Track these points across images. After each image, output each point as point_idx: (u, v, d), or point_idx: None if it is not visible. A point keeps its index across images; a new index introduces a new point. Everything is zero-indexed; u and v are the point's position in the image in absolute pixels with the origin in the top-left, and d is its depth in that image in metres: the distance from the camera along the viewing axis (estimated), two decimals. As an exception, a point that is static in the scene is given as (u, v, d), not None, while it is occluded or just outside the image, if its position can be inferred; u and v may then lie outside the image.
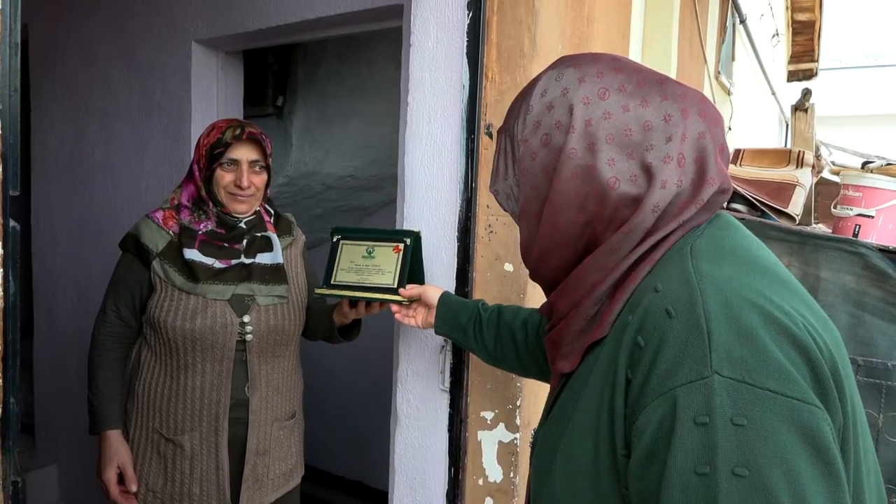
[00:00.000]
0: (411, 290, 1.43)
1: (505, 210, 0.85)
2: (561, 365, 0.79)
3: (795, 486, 0.55)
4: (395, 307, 1.47)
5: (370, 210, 3.63)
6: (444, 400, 1.60)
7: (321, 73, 2.85)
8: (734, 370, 0.58)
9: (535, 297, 1.55)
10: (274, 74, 2.81)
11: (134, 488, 1.58)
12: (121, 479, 1.58)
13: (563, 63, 0.78)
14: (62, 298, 2.87)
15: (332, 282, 1.53)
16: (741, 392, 0.57)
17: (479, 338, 1.30)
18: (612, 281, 0.72)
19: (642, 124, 0.71)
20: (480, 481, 1.57)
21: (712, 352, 0.59)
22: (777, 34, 5.90)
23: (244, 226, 1.63)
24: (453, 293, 1.56)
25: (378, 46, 2.95)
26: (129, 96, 2.55)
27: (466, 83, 1.52)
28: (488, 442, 1.56)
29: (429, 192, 1.61)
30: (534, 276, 0.85)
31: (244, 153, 1.58)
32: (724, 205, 3.37)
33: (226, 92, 2.47)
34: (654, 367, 0.62)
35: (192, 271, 1.55)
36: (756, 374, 0.57)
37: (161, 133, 2.46)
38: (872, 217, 2.22)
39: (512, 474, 1.54)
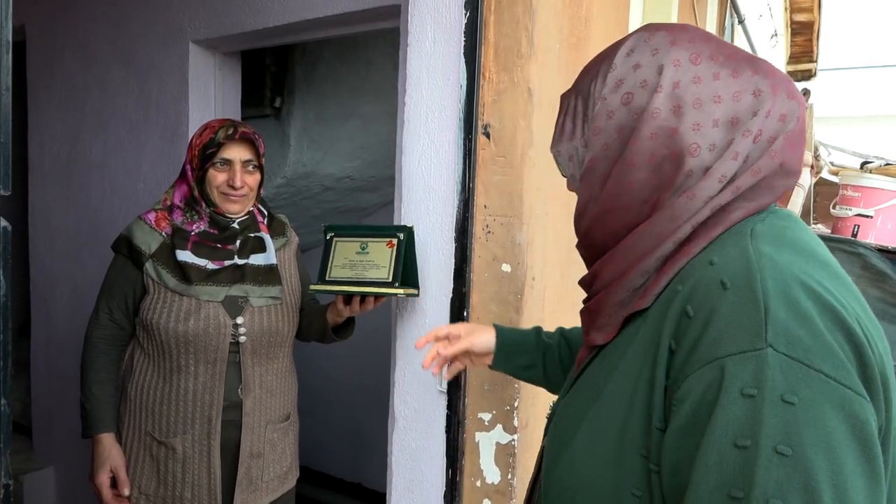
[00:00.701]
0: (455, 345, 1.17)
1: (563, 174, 0.82)
2: (595, 336, 0.78)
3: (838, 475, 0.53)
4: (433, 370, 1.21)
5: (368, 211, 3.63)
6: (442, 401, 1.59)
7: (319, 73, 2.84)
8: (790, 347, 0.56)
9: (533, 297, 1.54)
10: (272, 75, 2.80)
11: (127, 492, 1.57)
12: (114, 483, 1.57)
13: (651, 28, 0.76)
14: (60, 300, 2.86)
15: (326, 278, 1.53)
16: (795, 370, 0.56)
17: (544, 373, 1.18)
18: (663, 252, 0.70)
19: (732, 94, 0.69)
20: (478, 483, 1.57)
21: (768, 325, 0.57)
22: (776, 34, 5.90)
23: (237, 226, 1.62)
24: (451, 295, 1.56)
25: (376, 47, 2.95)
26: (126, 97, 2.55)
27: (464, 83, 1.52)
28: (486, 443, 1.55)
29: (426, 193, 1.60)
30: (582, 243, 0.83)
31: (237, 153, 1.58)
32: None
33: (223, 93, 2.47)
34: (703, 335, 0.60)
35: (185, 273, 1.55)
36: (812, 355, 0.56)
37: (158, 134, 2.46)
38: (871, 217, 2.22)
39: (510, 476, 1.53)
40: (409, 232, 1.52)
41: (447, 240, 1.57)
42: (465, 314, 1.55)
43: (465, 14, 1.51)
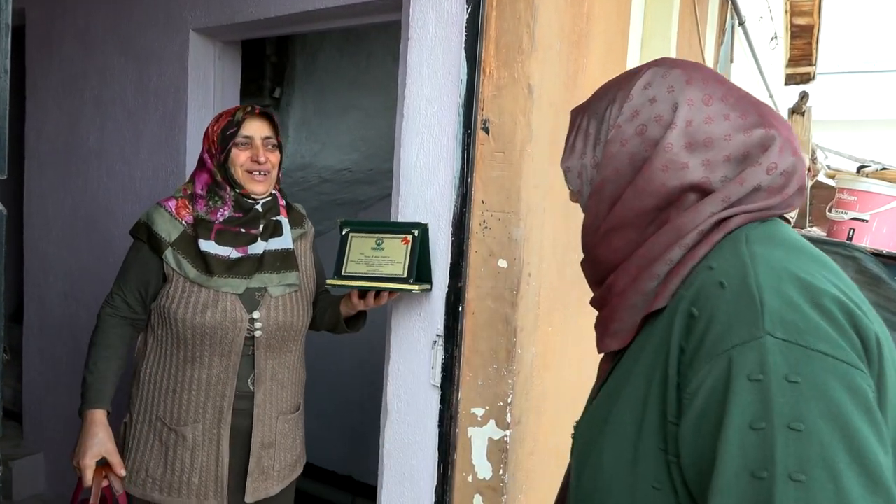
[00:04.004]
0: None
1: (569, 186, 0.87)
2: (609, 342, 0.81)
3: (851, 441, 0.57)
4: None
5: (366, 204, 3.62)
6: (435, 396, 1.60)
7: (319, 65, 2.84)
8: (787, 332, 0.61)
9: (528, 294, 1.54)
10: (272, 66, 2.80)
11: (124, 472, 1.56)
12: (102, 463, 1.55)
13: (667, 63, 0.82)
14: (53, 286, 2.85)
15: (342, 273, 1.56)
16: (794, 352, 0.60)
17: None
18: (672, 257, 0.75)
19: (742, 131, 0.75)
20: (469, 478, 1.57)
21: (765, 315, 0.62)
22: (776, 37, 5.90)
23: (260, 208, 1.62)
24: (447, 289, 1.56)
25: (377, 39, 2.94)
26: (125, 84, 2.54)
27: (464, 78, 1.52)
28: (478, 438, 1.56)
29: (424, 187, 1.60)
30: (587, 258, 0.87)
31: (257, 129, 1.59)
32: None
33: (223, 82, 2.46)
34: (708, 332, 0.65)
35: (207, 263, 1.54)
36: (807, 336, 0.60)
37: (157, 122, 2.45)
38: (867, 221, 2.23)
39: (501, 471, 1.54)
40: (423, 229, 1.54)
41: (444, 234, 1.57)
42: (460, 309, 1.55)
43: (467, 9, 1.51)
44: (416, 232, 1.53)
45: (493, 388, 1.53)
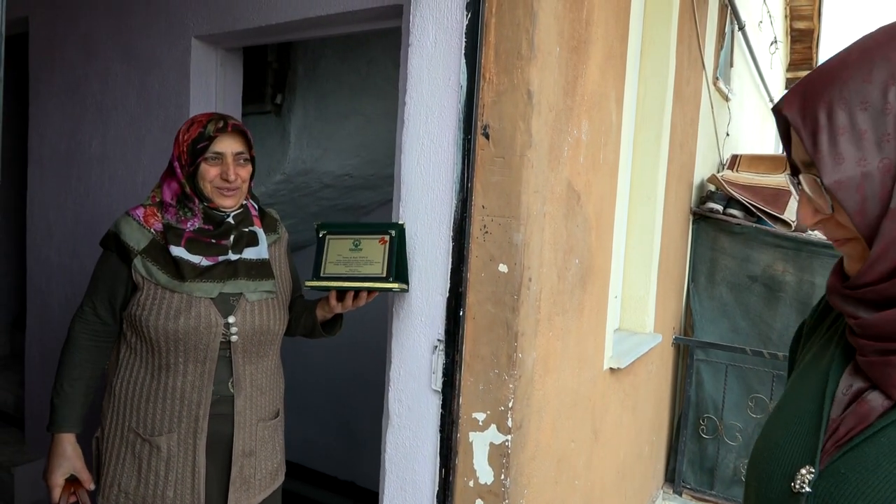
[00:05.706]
0: None
1: (844, 206, 0.62)
2: None
3: None
4: None
5: (367, 209, 3.63)
6: (436, 400, 1.60)
7: (320, 71, 2.85)
8: None
9: (529, 298, 1.55)
10: (273, 72, 2.81)
11: (92, 486, 1.55)
12: (72, 479, 1.56)
13: None
14: (56, 292, 2.86)
15: (321, 274, 1.56)
16: None
17: None
18: None
19: None
20: (471, 483, 1.57)
21: None
22: (775, 42, 5.91)
23: (232, 220, 1.60)
24: (447, 294, 1.57)
25: (377, 45, 2.96)
26: (127, 91, 2.55)
27: (464, 84, 1.53)
28: (479, 443, 1.56)
29: (424, 192, 1.61)
30: (877, 290, 0.64)
31: (229, 146, 1.55)
32: (721, 210, 3.35)
33: (224, 88, 2.47)
34: None
35: (179, 269, 1.52)
36: None
37: (159, 128, 2.46)
38: (867, 225, 2.23)
39: (503, 476, 1.54)
40: (400, 229, 1.55)
41: (444, 239, 1.58)
42: (461, 314, 1.55)
43: (467, 15, 1.52)
44: (393, 232, 1.54)
45: (494, 393, 1.54)
